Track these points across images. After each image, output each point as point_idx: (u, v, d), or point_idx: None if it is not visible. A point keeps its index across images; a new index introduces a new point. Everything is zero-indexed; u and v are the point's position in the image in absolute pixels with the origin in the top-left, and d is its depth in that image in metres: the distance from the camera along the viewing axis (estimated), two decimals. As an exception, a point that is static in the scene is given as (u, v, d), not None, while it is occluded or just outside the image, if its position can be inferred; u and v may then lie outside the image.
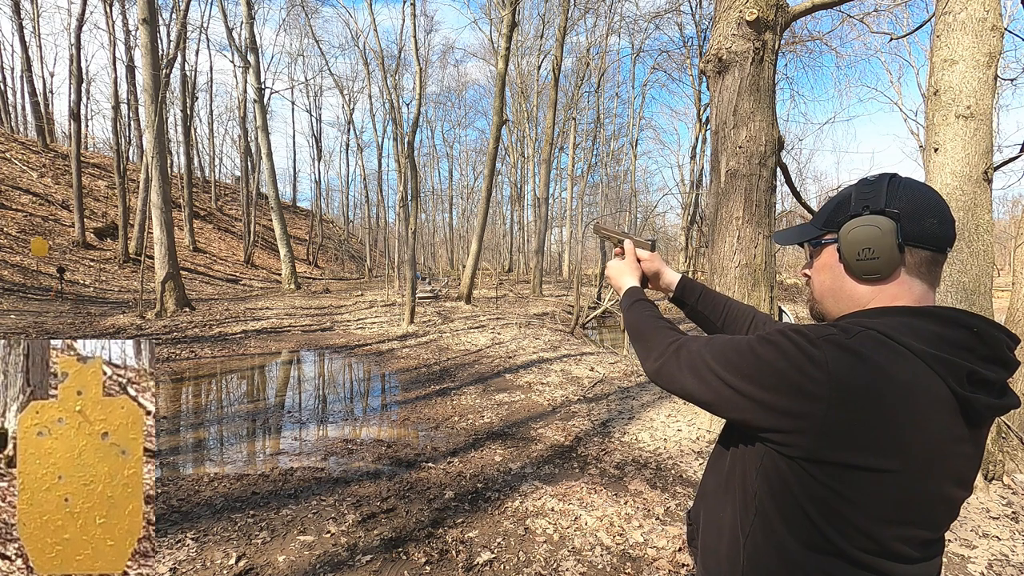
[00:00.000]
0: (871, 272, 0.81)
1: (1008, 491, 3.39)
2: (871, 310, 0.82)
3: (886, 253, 0.79)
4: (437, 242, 50.55)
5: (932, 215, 0.79)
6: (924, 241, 0.79)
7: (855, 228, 0.82)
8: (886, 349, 0.73)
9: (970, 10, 3.56)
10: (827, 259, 0.88)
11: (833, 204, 0.88)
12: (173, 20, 20.35)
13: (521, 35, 30.12)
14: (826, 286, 0.89)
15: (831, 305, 0.89)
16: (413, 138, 14.39)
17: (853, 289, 0.85)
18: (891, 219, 0.79)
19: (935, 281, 0.82)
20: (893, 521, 0.73)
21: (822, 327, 0.79)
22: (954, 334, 0.75)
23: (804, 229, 0.93)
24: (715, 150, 4.65)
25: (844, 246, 0.83)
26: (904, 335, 0.74)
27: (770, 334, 0.81)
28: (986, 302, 3.55)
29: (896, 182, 0.83)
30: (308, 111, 44.60)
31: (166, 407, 5.70)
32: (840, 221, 0.85)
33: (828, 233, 0.88)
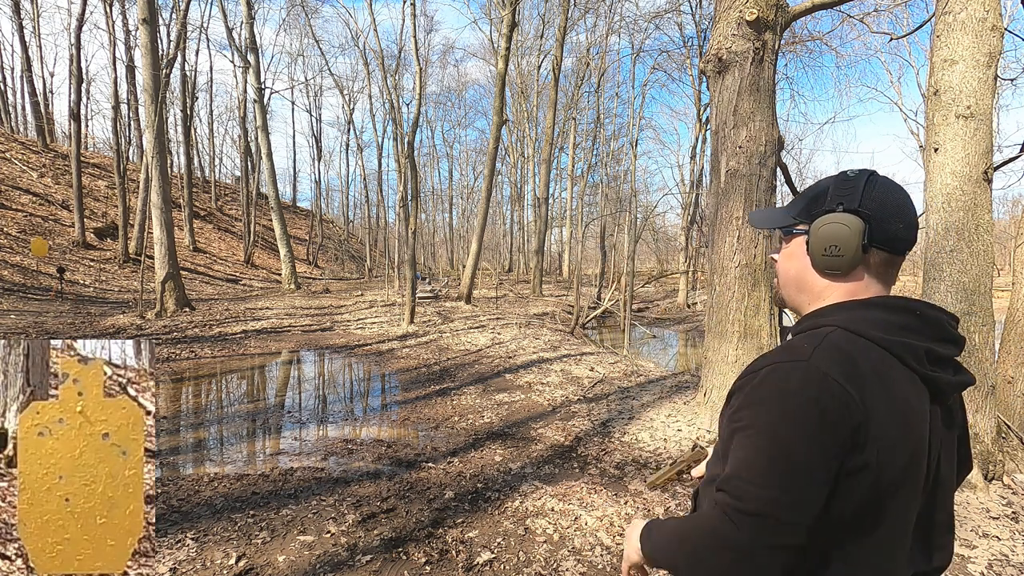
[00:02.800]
0: (833, 268, 0.85)
1: (1008, 491, 3.39)
2: (826, 308, 0.86)
3: (850, 252, 0.83)
4: (437, 242, 50.54)
5: (900, 219, 0.83)
6: (887, 244, 0.84)
7: (826, 225, 0.84)
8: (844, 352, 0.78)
9: (970, 10, 3.56)
10: (795, 249, 0.92)
11: (811, 194, 0.90)
12: (173, 20, 20.35)
13: (521, 35, 30.13)
14: (790, 275, 0.93)
15: (792, 292, 0.93)
16: (413, 138, 14.39)
17: (815, 281, 0.89)
18: (862, 220, 0.82)
19: (891, 280, 0.88)
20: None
21: (775, 361, 0.80)
22: (903, 319, 0.82)
23: (779, 215, 0.95)
24: (715, 150, 4.65)
25: (813, 240, 0.86)
26: (863, 327, 0.80)
27: (758, 415, 0.78)
28: (986, 302, 3.55)
29: (873, 182, 0.85)
30: (308, 111, 44.64)
31: (166, 407, 5.70)
32: (815, 214, 0.87)
33: (801, 223, 0.90)
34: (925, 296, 3.77)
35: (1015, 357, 4.34)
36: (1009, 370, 4.32)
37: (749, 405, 0.79)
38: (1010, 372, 4.30)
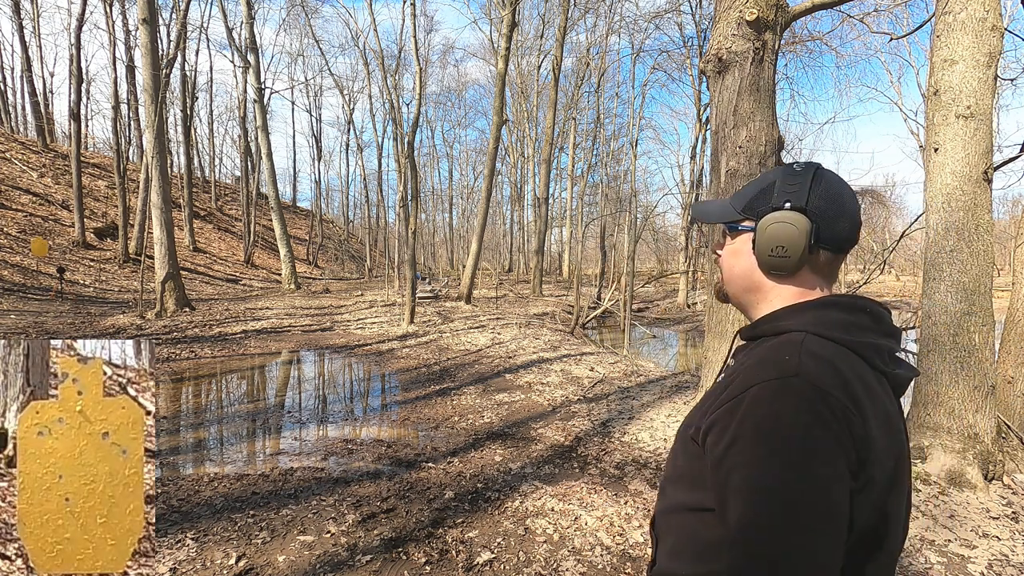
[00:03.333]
0: (779, 269, 0.83)
1: (1008, 491, 3.39)
2: (784, 311, 0.83)
3: (797, 253, 0.80)
4: (437, 242, 50.54)
5: (845, 218, 0.81)
6: (832, 244, 0.82)
7: (772, 224, 0.82)
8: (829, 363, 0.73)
9: (970, 10, 3.56)
10: (741, 246, 0.88)
11: (756, 188, 0.87)
12: (173, 20, 20.35)
13: (521, 35, 30.14)
14: (735, 272, 0.90)
15: (738, 291, 0.90)
16: (413, 138, 14.39)
17: (761, 281, 0.86)
18: (809, 219, 0.80)
19: (833, 277, 0.86)
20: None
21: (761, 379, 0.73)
22: (860, 318, 0.79)
23: (725, 209, 0.91)
24: (715, 150, 4.65)
25: (759, 240, 0.83)
26: (829, 329, 0.77)
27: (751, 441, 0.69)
28: (986, 302, 3.55)
29: (819, 177, 0.83)
30: (308, 111, 44.65)
31: (166, 407, 5.70)
32: (761, 211, 0.84)
33: (747, 219, 0.87)
34: (925, 296, 3.77)
35: (1015, 357, 4.34)
36: (1009, 370, 4.32)
37: (745, 443, 0.70)
38: (1010, 372, 4.30)
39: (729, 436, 0.71)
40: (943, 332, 3.60)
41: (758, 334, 0.85)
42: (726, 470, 0.71)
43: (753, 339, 0.86)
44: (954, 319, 3.56)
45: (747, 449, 0.69)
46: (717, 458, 0.73)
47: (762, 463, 0.67)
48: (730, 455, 0.71)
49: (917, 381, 3.83)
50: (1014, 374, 4.26)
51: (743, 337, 0.89)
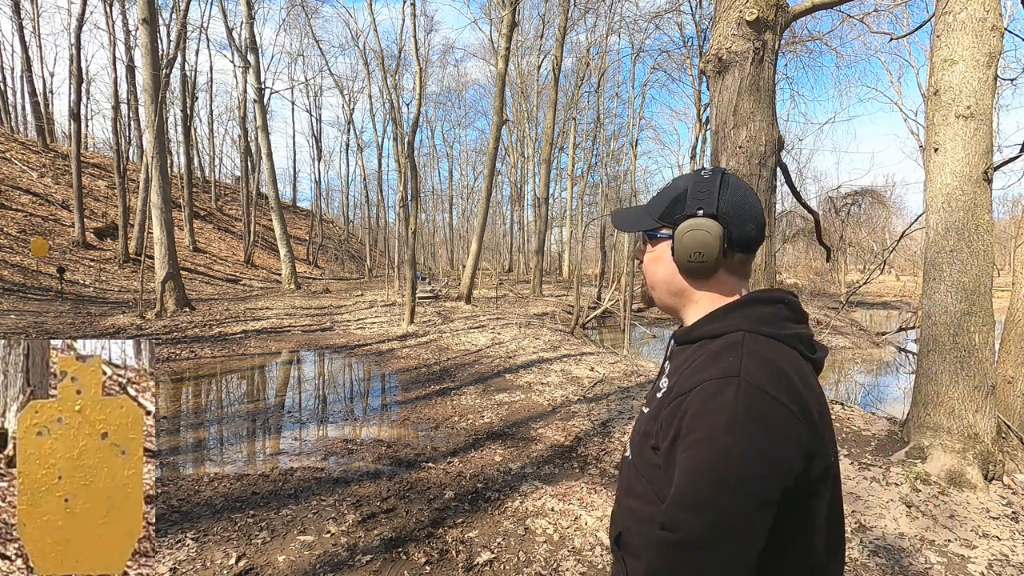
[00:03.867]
0: (698, 273, 0.89)
1: (1008, 491, 3.38)
2: (716, 313, 0.88)
3: (713, 256, 0.86)
4: (437, 242, 50.53)
5: (752, 221, 0.88)
6: (743, 245, 0.88)
7: (688, 232, 0.87)
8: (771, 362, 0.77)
9: (970, 10, 3.56)
10: (661, 253, 0.93)
11: (670, 197, 0.91)
12: (173, 20, 20.35)
13: (521, 35, 30.13)
14: (659, 277, 0.94)
15: (664, 295, 0.96)
16: (413, 138, 14.39)
17: (683, 285, 0.92)
18: (721, 224, 0.86)
19: (747, 275, 0.93)
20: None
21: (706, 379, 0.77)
22: (782, 311, 0.85)
23: (642, 218, 0.95)
24: (715, 150, 4.64)
25: (678, 247, 0.88)
26: (760, 326, 0.82)
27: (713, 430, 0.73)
28: (986, 302, 3.55)
29: (725, 183, 0.89)
30: (308, 111, 44.65)
31: (166, 407, 5.70)
32: (677, 219, 0.89)
33: (664, 227, 0.92)
34: (925, 296, 3.77)
35: (1015, 357, 4.34)
36: (1009, 370, 4.32)
37: (691, 431, 0.74)
38: (1010, 372, 4.30)
39: (673, 432, 0.77)
40: (943, 332, 3.60)
41: (695, 337, 0.88)
42: (672, 463, 0.76)
43: (690, 342, 0.89)
44: (954, 319, 3.56)
45: (691, 443, 0.74)
46: (664, 453, 0.78)
47: (704, 455, 0.72)
48: (676, 449, 0.76)
49: (917, 381, 3.83)
50: (1014, 374, 4.26)
51: (679, 342, 0.93)
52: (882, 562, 2.72)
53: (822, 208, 21.31)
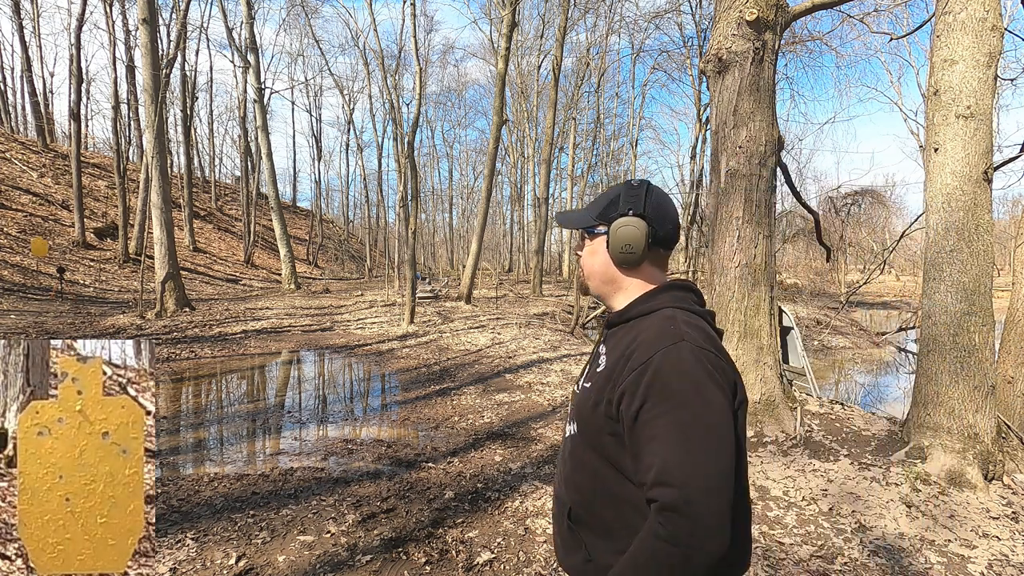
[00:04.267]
0: (628, 263, 1.05)
1: (1008, 491, 3.38)
2: (645, 295, 1.04)
3: (639, 249, 1.03)
4: (437, 242, 50.51)
5: (670, 222, 1.05)
6: (663, 242, 1.05)
7: (621, 227, 1.03)
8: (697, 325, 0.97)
9: (970, 10, 3.56)
10: (598, 246, 1.09)
11: (606, 199, 1.08)
12: (173, 20, 20.34)
13: (521, 35, 30.11)
14: (595, 268, 1.10)
15: (598, 283, 1.11)
16: (413, 138, 14.39)
17: (615, 273, 1.08)
18: (647, 223, 1.02)
19: (665, 267, 1.09)
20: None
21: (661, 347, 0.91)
22: (692, 294, 1.04)
23: (583, 217, 1.11)
24: (715, 150, 4.64)
25: (612, 240, 1.04)
26: (684, 304, 1.01)
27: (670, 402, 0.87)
28: (986, 302, 3.55)
29: (651, 191, 1.05)
30: (308, 111, 44.63)
31: (166, 407, 5.70)
32: (611, 217, 1.05)
33: (601, 224, 1.07)
34: (925, 296, 3.77)
35: (1015, 357, 4.34)
36: (1009, 370, 4.32)
37: (662, 396, 0.87)
38: (1010, 372, 4.30)
39: (641, 396, 0.88)
40: (943, 332, 3.60)
41: (629, 317, 1.03)
42: (644, 421, 0.87)
43: (623, 322, 1.04)
44: (954, 319, 3.56)
45: (661, 401, 0.86)
46: (632, 416, 0.89)
47: (681, 407, 0.85)
48: (647, 409, 0.87)
49: (917, 381, 3.83)
50: (1014, 374, 4.26)
51: (612, 324, 1.08)
52: (882, 562, 2.72)
53: (822, 208, 21.31)
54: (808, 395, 5.14)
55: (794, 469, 3.73)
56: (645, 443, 0.86)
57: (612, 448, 0.95)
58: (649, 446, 0.86)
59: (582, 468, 1.01)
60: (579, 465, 1.02)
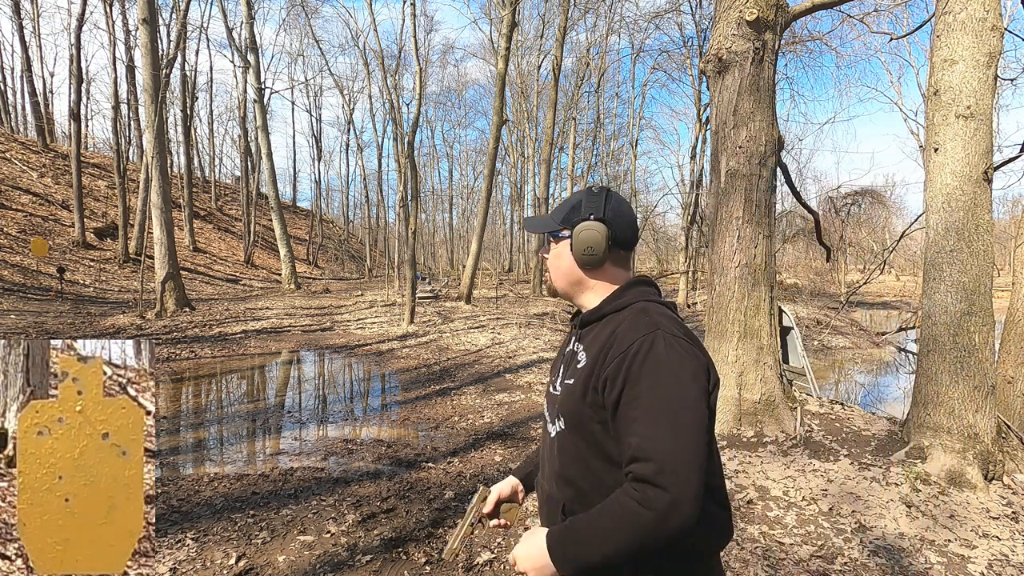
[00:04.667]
0: (591, 264, 1.10)
1: (1008, 491, 3.38)
2: (615, 293, 1.10)
3: (601, 251, 1.08)
4: (437, 242, 50.49)
5: (628, 226, 1.12)
6: (622, 243, 1.11)
7: (583, 231, 1.09)
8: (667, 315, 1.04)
9: (970, 10, 3.56)
10: (562, 250, 1.14)
11: (569, 206, 1.14)
12: (173, 20, 20.34)
13: (521, 35, 30.10)
14: (561, 270, 1.15)
15: (564, 284, 1.16)
16: (413, 138, 14.39)
17: (580, 274, 1.13)
18: (607, 226, 1.08)
19: (628, 266, 1.15)
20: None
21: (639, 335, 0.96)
22: (654, 289, 1.12)
23: (548, 222, 1.17)
24: (715, 150, 4.64)
25: (575, 243, 1.10)
26: (651, 297, 1.08)
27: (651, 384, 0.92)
28: (986, 302, 3.55)
29: (610, 196, 1.12)
30: (308, 111, 44.63)
31: (166, 407, 5.70)
32: (574, 222, 1.11)
33: (564, 229, 1.13)
34: (925, 296, 3.77)
35: (1015, 357, 4.34)
36: (1009, 370, 4.32)
37: (640, 380, 0.92)
38: (1010, 372, 4.30)
39: (620, 382, 0.94)
40: (943, 332, 3.60)
41: (602, 314, 1.09)
42: (625, 403, 0.93)
43: (596, 320, 1.09)
44: (954, 319, 3.56)
45: (638, 383, 0.92)
46: (614, 401, 0.95)
47: (656, 389, 0.91)
48: (626, 392, 0.93)
49: (917, 381, 3.83)
50: (1014, 374, 4.26)
51: (586, 322, 1.12)
52: (882, 562, 2.72)
53: (822, 208, 21.29)
54: (808, 395, 5.14)
55: (794, 469, 3.73)
56: (626, 425, 0.92)
57: (600, 436, 1.00)
58: (630, 427, 0.91)
59: (573, 462, 1.05)
60: (569, 460, 1.05)
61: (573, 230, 1.11)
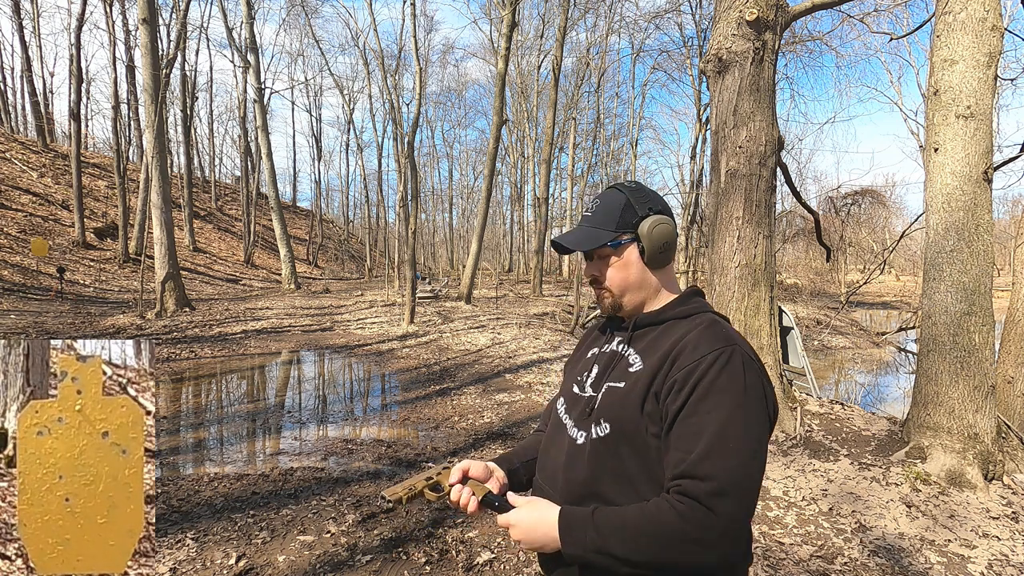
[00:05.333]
0: (665, 262, 1.03)
1: (1008, 491, 3.38)
2: (676, 300, 1.03)
3: (674, 244, 1.02)
4: (437, 242, 50.48)
5: (673, 218, 1.04)
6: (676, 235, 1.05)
7: (656, 227, 1.00)
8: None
9: (970, 10, 3.56)
10: (629, 257, 1.02)
11: (614, 208, 1.02)
12: (173, 20, 20.34)
13: (521, 35, 30.11)
14: (630, 280, 1.03)
15: (634, 295, 1.04)
16: (413, 138, 14.39)
17: (651, 278, 1.04)
18: (670, 217, 1.01)
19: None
20: None
21: (717, 347, 0.90)
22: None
23: (601, 234, 1.02)
24: (715, 150, 4.64)
25: (648, 243, 1.00)
26: (712, 309, 1.02)
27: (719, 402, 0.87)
28: (986, 302, 3.55)
29: (649, 187, 1.05)
30: (308, 111, 44.59)
31: (166, 407, 5.70)
32: (634, 223, 1.01)
33: (624, 234, 1.01)
34: (925, 296, 3.77)
35: (1015, 357, 4.34)
36: (1009, 370, 4.32)
37: (711, 393, 0.86)
38: (1010, 372, 4.30)
39: (689, 389, 0.87)
40: (943, 332, 3.60)
41: (664, 319, 1.01)
42: (688, 414, 0.86)
43: (656, 324, 1.01)
44: (954, 319, 3.56)
45: (709, 398, 0.86)
46: (676, 409, 0.88)
47: (727, 407, 0.85)
48: (691, 403, 0.87)
49: (917, 381, 3.83)
50: (1014, 374, 4.26)
51: (641, 324, 1.03)
52: (882, 562, 2.72)
53: (822, 208, 21.31)
54: (808, 395, 5.14)
55: (794, 469, 3.73)
56: (685, 436, 0.86)
57: (653, 451, 0.91)
58: (689, 439, 0.85)
59: (613, 477, 0.94)
60: (607, 473, 0.94)
61: (637, 230, 1.00)
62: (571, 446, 1.01)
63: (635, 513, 0.86)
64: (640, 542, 0.84)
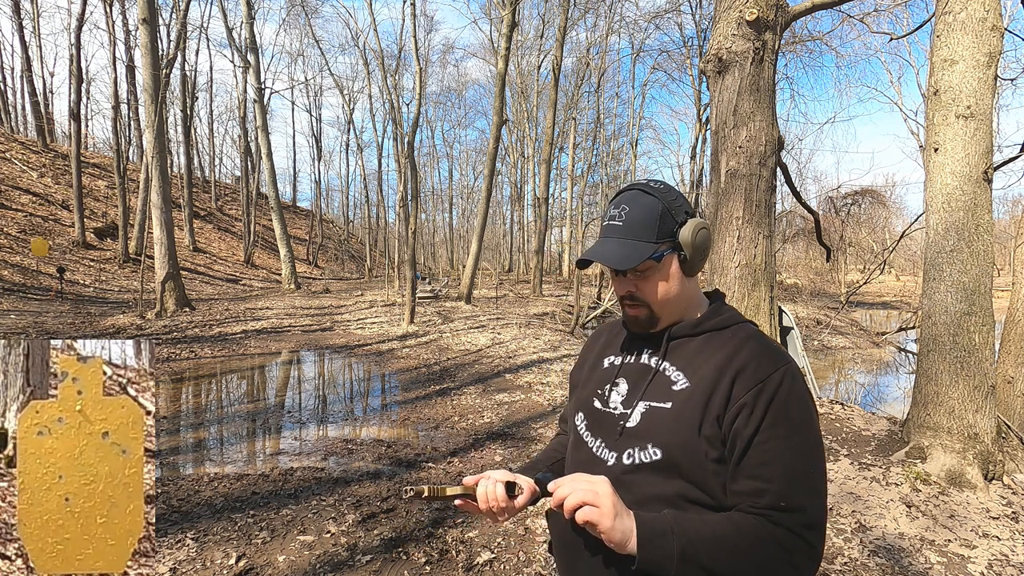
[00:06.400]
0: (700, 269, 0.96)
1: (1008, 491, 3.38)
2: (712, 309, 0.98)
3: (711, 249, 0.99)
4: (437, 242, 50.49)
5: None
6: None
7: (697, 232, 0.93)
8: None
9: (970, 10, 3.56)
10: (671, 268, 0.94)
11: (654, 217, 0.92)
12: (173, 20, 20.34)
13: (521, 35, 30.10)
14: (672, 293, 0.95)
15: (674, 308, 0.96)
16: (413, 138, 14.40)
17: (691, 287, 0.97)
18: (703, 219, 0.94)
19: None
20: None
21: (781, 364, 0.87)
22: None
23: (642, 247, 0.91)
24: (715, 150, 4.64)
25: (692, 251, 0.93)
26: (744, 317, 0.98)
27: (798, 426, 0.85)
28: (986, 302, 3.55)
29: (674, 187, 0.97)
30: (308, 111, 44.58)
31: (166, 407, 5.70)
32: (673, 231, 0.93)
33: (666, 244, 0.93)
34: (925, 296, 3.77)
35: (1015, 357, 4.34)
36: (1009, 370, 4.32)
37: (786, 419, 0.84)
38: (1010, 372, 4.30)
39: (761, 412, 0.83)
40: (943, 332, 3.60)
41: (703, 330, 0.95)
42: (762, 441, 0.83)
43: (695, 335, 0.95)
44: (954, 319, 3.56)
45: (789, 423, 0.83)
46: (750, 435, 0.83)
47: (803, 432, 0.84)
48: (765, 428, 0.83)
49: (917, 381, 3.83)
50: (1014, 374, 4.26)
51: (678, 335, 0.95)
52: (882, 562, 2.72)
53: (822, 208, 21.31)
54: (808, 395, 5.13)
55: (794, 469, 3.72)
56: (762, 463, 0.82)
57: (710, 475, 0.85)
58: (766, 467, 0.82)
59: (655, 501, 0.86)
60: (650, 497, 0.87)
61: (679, 238, 0.92)
62: (601, 468, 0.92)
63: (728, 529, 0.80)
64: (735, 558, 0.79)
